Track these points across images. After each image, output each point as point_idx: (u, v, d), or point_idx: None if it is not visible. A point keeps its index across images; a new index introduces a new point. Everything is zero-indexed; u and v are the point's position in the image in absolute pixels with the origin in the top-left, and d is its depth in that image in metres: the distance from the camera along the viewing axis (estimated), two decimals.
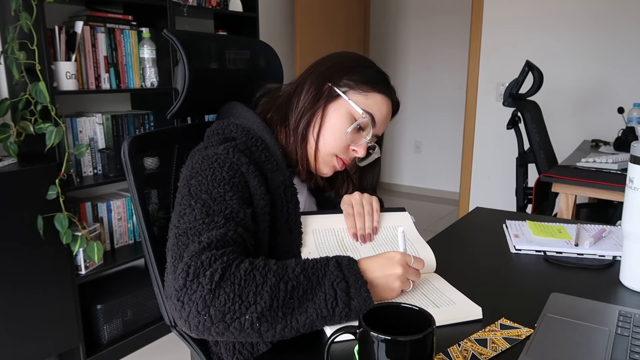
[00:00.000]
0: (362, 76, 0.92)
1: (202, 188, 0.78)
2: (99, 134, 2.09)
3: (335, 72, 0.92)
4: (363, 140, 0.93)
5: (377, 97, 0.92)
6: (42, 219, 1.74)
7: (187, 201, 0.77)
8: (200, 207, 0.76)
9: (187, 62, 0.95)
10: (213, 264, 0.67)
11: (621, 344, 0.66)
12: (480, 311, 0.75)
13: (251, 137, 0.89)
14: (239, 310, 0.65)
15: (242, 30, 2.75)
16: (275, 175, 0.87)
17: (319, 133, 0.92)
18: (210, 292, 0.64)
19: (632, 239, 0.85)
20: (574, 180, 1.83)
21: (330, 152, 0.93)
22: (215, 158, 0.81)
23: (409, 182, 4.87)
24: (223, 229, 0.73)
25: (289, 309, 0.67)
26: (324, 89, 0.91)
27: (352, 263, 0.73)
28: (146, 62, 2.14)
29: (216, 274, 0.65)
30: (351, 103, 0.90)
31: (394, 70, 4.72)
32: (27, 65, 1.77)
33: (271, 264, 0.70)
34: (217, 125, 0.93)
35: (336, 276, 0.70)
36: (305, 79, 0.93)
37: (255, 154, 0.88)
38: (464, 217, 1.29)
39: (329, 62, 0.94)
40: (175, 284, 0.67)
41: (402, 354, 0.52)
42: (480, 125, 3.43)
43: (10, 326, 1.72)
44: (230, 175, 0.80)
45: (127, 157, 0.92)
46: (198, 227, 0.73)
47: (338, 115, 0.91)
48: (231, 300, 0.65)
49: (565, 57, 3.08)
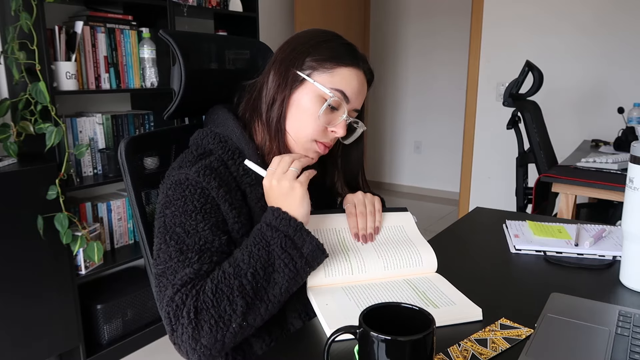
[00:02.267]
0: (325, 53, 0.87)
1: (176, 221, 0.79)
2: (99, 134, 2.09)
3: (297, 55, 0.88)
4: (340, 119, 0.89)
5: (344, 72, 0.88)
6: (42, 219, 1.74)
7: (163, 236, 0.79)
8: (174, 245, 0.78)
9: (183, 62, 0.95)
10: (186, 301, 0.71)
11: (621, 344, 0.66)
12: (480, 312, 0.75)
13: (228, 149, 0.87)
14: (224, 326, 0.71)
15: (242, 30, 2.74)
16: (254, 189, 0.86)
17: (292, 121, 0.89)
18: (194, 330, 0.70)
19: (632, 239, 0.85)
20: (574, 180, 1.83)
21: (309, 138, 0.89)
22: (187, 184, 0.81)
23: (409, 182, 4.87)
24: (197, 265, 0.75)
25: (262, 293, 0.74)
26: (288, 75, 0.88)
27: (279, 216, 0.78)
28: (146, 62, 2.14)
29: (191, 312, 0.70)
30: (316, 85, 0.86)
31: (394, 70, 4.72)
32: (27, 65, 1.77)
33: (226, 268, 0.74)
34: (197, 134, 0.91)
35: (277, 237, 0.76)
36: (270, 69, 0.90)
37: (232, 167, 0.86)
38: (464, 217, 1.29)
39: (290, 45, 0.91)
40: (167, 330, 0.73)
41: (402, 354, 0.52)
42: (480, 125, 3.43)
43: (10, 326, 1.72)
44: (201, 203, 0.80)
45: (124, 157, 0.92)
46: (173, 267, 0.76)
47: (308, 100, 0.87)
48: (214, 324, 0.70)
49: (565, 57, 3.08)
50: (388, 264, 0.87)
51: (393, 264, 0.87)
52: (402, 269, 0.88)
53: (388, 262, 0.87)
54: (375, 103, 4.87)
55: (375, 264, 0.87)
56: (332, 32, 0.92)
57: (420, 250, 0.91)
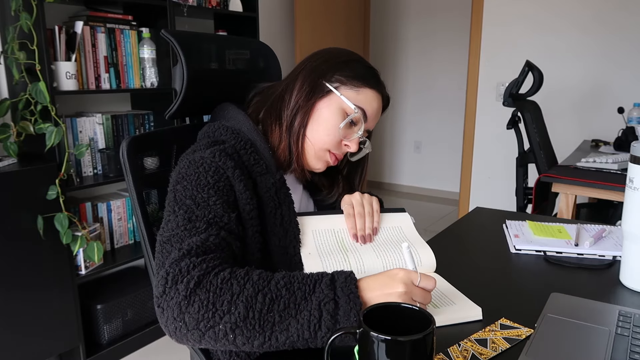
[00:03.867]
0: (353, 71, 0.92)
1: (187, 193, 0.78)
2: (99, 134, 2.09)
3: (327, 68, 0.92)
4: (355, 135, 0.93)
5: (368, 93, 0.93)
6: (42, 219, 1.74)
7: (172, 207, 0.78)
8: (183, 214, 0.76)
9: (185, 62, 0.95)
10: (191, 271, 0.66)
11: (621, 344, 0.66)
12: (480, 312, 0.76)
13: (240, 139, 0.89)
14: (212, 319, 0.64)
15: (242, 30, 2.75)
16: (264, 178, 0.87)
17: (312, 129, 0.92)
18: (185, 299, 0.64)
19: (632, 239, 0.85)
20: (574, 180, 1.83)
21: (324, 148, 0.93)
22: (202, 162, 0.81)
23: (409, 182, 4.87)
24: (204, 234, 0.73)
25: (267, 323, 0.64)
26: (316, 85, 0.91)
27: (349, 281, 0.67)
28: (146, 62, 2.14)
29: (192, 281, 0.65)
30: (343, 99, 0.90)
31: (394, 70, 4.72)
32: (27, 65, 1.77)
33: (253, 275, 0.67)
34: (208, 127, 0.93)
35: (326, 295, 0.65)
36: (297, 76, 0.93)
37: (244, 157, 0.87)
38: (464, 217, 1.29)
39: (320, 58, 0.95)
40: (156, 291, 0.67)
41: (402, 354, 0.52)
42: (480, 125, 3.42)
43: (10, 326, 1.72)
44: (215, 179, 0.80)
45: (126, 157, 0.92)
46: (180, 234, 0.74)
47: (330, 111, 0.91)
48: (205, 307, 0.64)
49: (565, 57, 3.08)
50: (387, 264, 0.87)
51: (392, 264, 0.87)
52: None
53: (387, 262, 0.87)
54: None
55: (374, 264, 0.87)
56: (359, 55, 0.98)
57: (419, 251, 0.91)
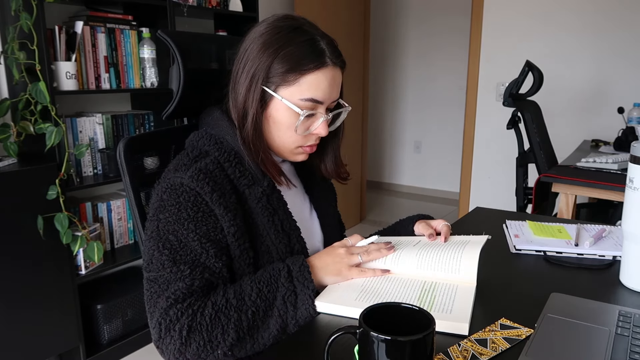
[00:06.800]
0: (285, 63, 0.82)
1: (169, 228, 0.80)
2: (99, 134, 2.09)
3: (259, 70, 0.83)
4: (318, 122, 0.87)
5: (309, 79, 0.83)
6: (42, 219, 1.74)
7: (155, 242, 0.80)
8: (168, 254, 0.78)
9: (181, 62, 0.95)
10: (180, 319, 0.73)
11: (621, 344, 0.66)
12: (467, 327, 0.71)
13: (224, 151, 0.86)
14: (211, 352, 0.74)
15: (242, 30, 2.72)
16: (253, 190, 0.86)
17: (272, 134, 0.88)
18: (182, 345, 0.73)
19: (632, 239, 0.85)
20: (574, 180, 1.83)
21: (292, 147, 0.89)
22: (182, 190, 0.81)
23: (409, 182, 4.87)
24: (189, 280, 0.77)
25: (254, 331, 0.76)
26: (256, 90, 0.84)
27: (302, 269, 0.80)
28: (146, 62, 2.14)
29: (184, 329, 0.73)
30: (284, 102, 0.84)
31: (394, 69, 4.72)
32: (27, 65, 1.77)
33: (230, 298, 0.76)
34: (194, 136, 0.91)
35: (287, 288, 0.78)
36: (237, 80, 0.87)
37: (229, 170, 0.85)
38: (464, 217, 1.29)
39: (250, 54, 0.85)
40: (153, 335, 0.75)
41: (402, 354, 0.52)
42: (480, 125, 3.42)
43: (10, 326, 1.72)
44: (194, 210, 0.80)
45: (123, 158, 0.92)
46: (166, 277, 0.77)
47: (281, 115, 0.86)
48: (202, 346, 0.73)
49: (565, 57, 3.07)
50: (421, 263, 0.87)
51: (427, 264, 0.86)
52: (437, 271, 0.86)
53: (422, 261, 0.87)
54: (375, 103, 4.87)
55: (409, 260, 0.87)
56: (290, 27, 0.84)
57: (462, 258, 0.87)
